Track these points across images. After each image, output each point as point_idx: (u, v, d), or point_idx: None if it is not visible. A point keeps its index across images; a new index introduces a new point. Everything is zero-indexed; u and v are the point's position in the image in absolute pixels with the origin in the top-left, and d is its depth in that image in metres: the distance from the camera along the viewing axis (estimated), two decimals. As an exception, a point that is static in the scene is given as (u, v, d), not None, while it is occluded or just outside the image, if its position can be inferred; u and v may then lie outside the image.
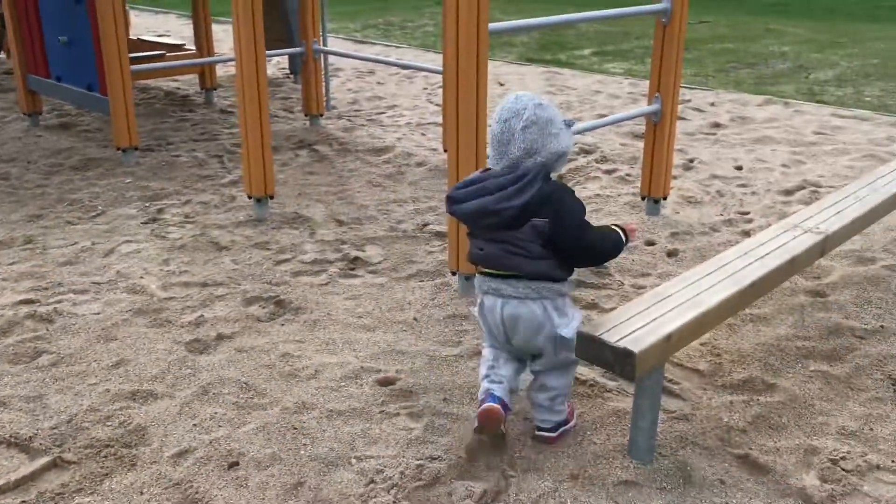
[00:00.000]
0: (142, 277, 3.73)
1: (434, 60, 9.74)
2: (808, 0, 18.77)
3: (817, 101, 7.38)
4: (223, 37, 10.99)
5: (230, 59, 6.04)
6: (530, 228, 2.30)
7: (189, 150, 5.81)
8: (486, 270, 2.43)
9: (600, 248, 2.42)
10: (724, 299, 2.47)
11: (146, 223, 4.43)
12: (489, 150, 2.43)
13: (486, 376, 2.49)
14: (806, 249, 2.87)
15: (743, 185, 4.97)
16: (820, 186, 4.91)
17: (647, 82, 4.48)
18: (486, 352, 2.56)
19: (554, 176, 2.44)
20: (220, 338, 3.18)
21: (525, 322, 2.38)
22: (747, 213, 4.52)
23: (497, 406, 2.38)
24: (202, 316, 3.35)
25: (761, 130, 6.20)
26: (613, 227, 2.50)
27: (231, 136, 6.17)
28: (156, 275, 3.76)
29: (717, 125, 6.42)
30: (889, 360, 3.01)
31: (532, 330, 2.39)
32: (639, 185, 4.70)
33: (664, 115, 4.24)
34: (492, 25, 3.26)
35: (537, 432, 2.54)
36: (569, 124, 2.40)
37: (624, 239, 2.48)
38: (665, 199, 4.51)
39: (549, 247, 2.31)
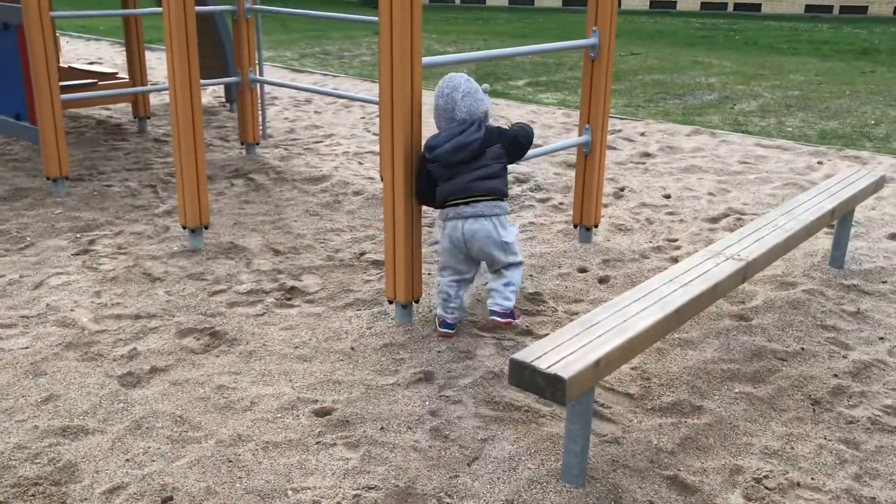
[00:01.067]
0: (72, 310, 3.66)
1: (371, 90, 9.82)
2: (732, 34, 19.53)
3: (742, 132, 7.67)
4: (157, 64, 10.89)
5: (164, 88, 5.99)
6: (490, 155, 3.34)
7: (122, 179, 5.72)
8: (453, 201, 3.35)
9: (524, 138, 3.50)
10: (651, 325, 2.56)
11: (77, 254, 4.35)
12: (437, 122, 3.38)
13: (443, 304, 3.48)
14: (728, 276, 2.99)
15: (671, 213, 5.13)
16: (744, 214, 5.11)
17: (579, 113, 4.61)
18: (445, 284, 3.48)
19: None
20: (154, 371, 3.14)
21: (481, 234, 3.34)
22: (675, 241, 4.67)
23: (453, 332, 3.47)
24: (135, 349, 3.30)
25: (689, 160, 6.42)
26: (521, 123, 3.57)
27: (165, 166, 6.10)
28: (87, 307, 3.70)
29: (646, 154, 6.62)
30: (809, 381, 3.14)
31: (486, 240, 3.35)
32: (571, 213, 4.81)
33: (594, 145, 4.37)
34: (426, 60, 3.33)
35: (491, 316, 3.47)
36: (485, 91, 3.42)
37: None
38: (596, 226, 4.63)
39: (503, 165, 3.38)
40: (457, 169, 3.33)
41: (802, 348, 3.41)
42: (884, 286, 4.07)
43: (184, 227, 4.44)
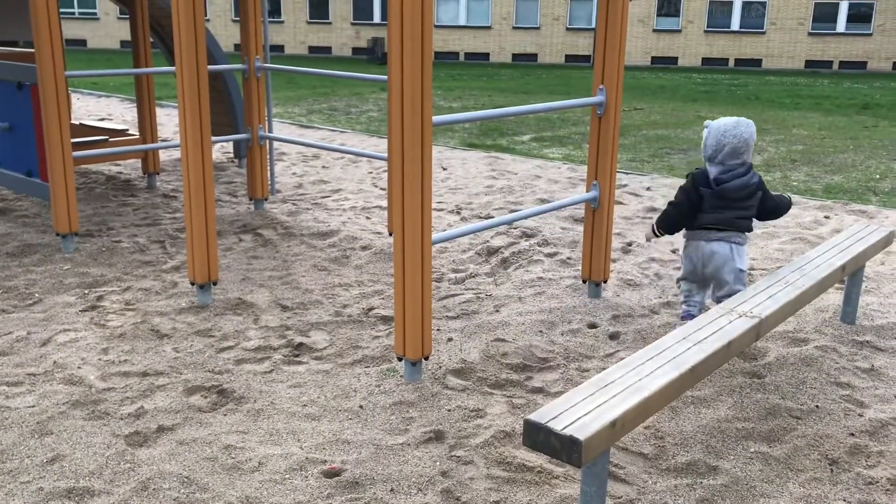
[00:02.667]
0: (79, 368, 3.63)
1: (378, 145, 9.93)
2: (734, 89, 19.77)
3: (747, 186, 7.69)
4: (166, 121, 11.04)
5: (174, 145, 6.06)
6: (754, 200, 3.93)
7: (130, 235, 5.75)
8: (712, 226, 3.91)
9: (785, 209, 4.13)
10: (666, 384, 2.53)
11: (85, 311, 4.34)
12: (714, 155, 3.92)
13: (685, 301, 4.15)
14: (742, 333, 2.97)
15: (680, 268, 5.11)
16: (753, 269, 5.09)
17: (585, 167, 4.64)
18: (685, 285, 4.15)
19: None
20: (161, 430, 3.11)
21: (719, 257, 3.90)
22: (685, 296, 4.65)
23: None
24: (142, 407, 3.27)
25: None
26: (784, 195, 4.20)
27: (174, 221, 6.13)
28: (94, 364, 3.67)
29: (653, 209, 6.64)
30: (825, 440, 3.09)
31: (722, 262, 3.90)
32: (580, 267, 4.81)
33: (602, 201, 4.38)
34: (435, 118, 3.37)
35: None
36: None
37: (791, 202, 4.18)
38: (605, 282, 4.62)
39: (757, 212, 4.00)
40: (728, 203, 3.89)
41: (817, 406, 3.36)
42: (897, 342, 4.03)
43: (192, 284, 4.44)
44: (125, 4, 7.00)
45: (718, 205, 3.87)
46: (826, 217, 6.41)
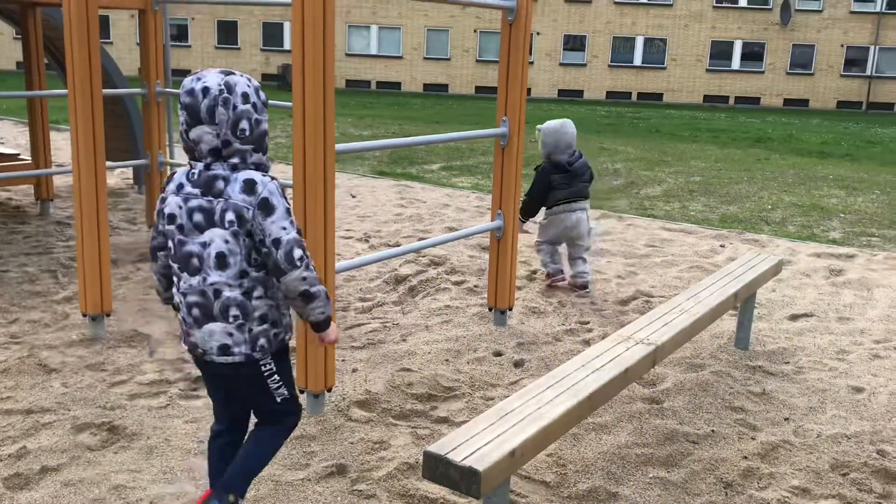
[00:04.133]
0: (-44, 406, 3.41)
1: (285, 172, 9.79)
2: (636, 122, 20.46)
3: (648, 216, 7.95)
4: (63, 145, 10.63)
5: (67, 171, 5.82)
6: (589, 173, 5.41)
7: (20, 264, 5.47)
8: (571, 199, 5.30)
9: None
10: (565, 412, 2.55)
11: (-35, 345, 4.09)
12: (551, 149, 5.36)
13: (552, 262, 5.42)
14: (639, 360, 3.03)
15: (582, 296, 5.21)
16: (652, 296, 5.23)
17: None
18: (547, 249, 5.43)
19: None
20: (45, 471, 2.94)
21: (583, 222, 5.30)
22: (587, 323, 4.73)
23: (563, 276, 5.41)
24: (24, 447, 3.08)
25: (598, 243, 6.57)
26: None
27: (67, 250, 5.88)
28: (-27, 402, 3.45)
29: (558, 238, 6.76)
30: (720, 464, 3.17)
31: (585, 224, 5.31)
32: (486, 295, 4.84)
33: (506, 230, 4.43)
34: (340, 146, 3.34)
35: (576, 279, 5.36)
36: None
37: None
38: (511, 309, 4.65)
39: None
40: (575, 179, 5.31)
41: (713, 430, 3.45)
42: (787, 367, 4.19)
43: (84, 315, 4.25)
44: (18, 24, 6.72)
45: (569, 183, 5.29)
46: (721, 246, 6.67)
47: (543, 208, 5.41)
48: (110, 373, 3.83)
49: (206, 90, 2.22)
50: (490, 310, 4.65)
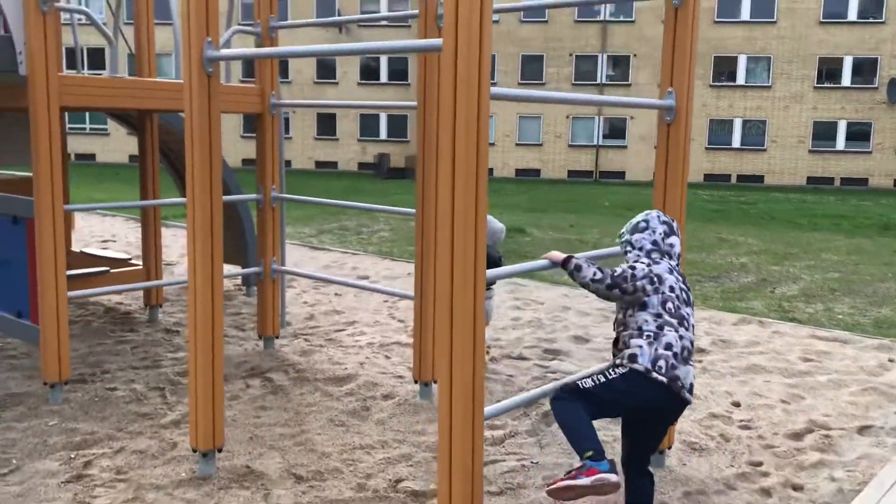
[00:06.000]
0: (55, 568, 3.01)
1: (391, 268, 9.48)
2: (745, 207, 19.56)
3: (791, 319, 7.19)
4: (171, 241, 10.63)
5: (180, 282, 5.58)
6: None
7: (127, 380, 5.18)
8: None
9: None
10: None
11: (68, 482, 3.74)
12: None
13: None
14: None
15: (746, 427, 4.53)
16: (829, 428, 4.50)
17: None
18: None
19: None
20: None
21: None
22: (760, 465, 4.05)
23: None
24: None
25: (747, 357, 5.88)
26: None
27: (175, 363, 5.58)
28: (73, 563, 3.05)
29: (700, 350, 6.09)
30: None
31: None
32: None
33: (667, 357, 3.84)
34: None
35: None
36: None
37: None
38: (669, 448, 4.02)
39: None
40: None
41: None
42: None
43: (194, 451, 3.85)
44: (134, 128, 6.68)
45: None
46: (890, 360, 5.86)
47: None
48: (223, 524, 3.38)
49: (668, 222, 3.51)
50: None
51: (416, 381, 5.02)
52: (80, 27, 6.34)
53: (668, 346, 3.10)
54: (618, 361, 3.16)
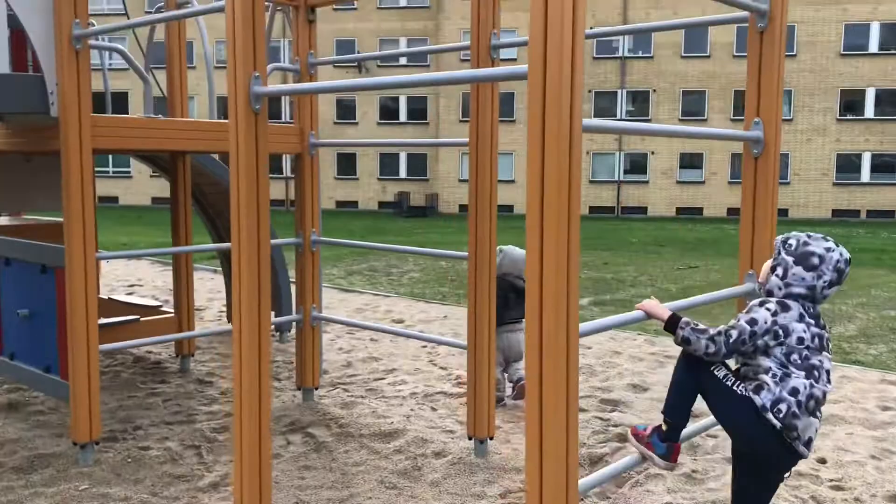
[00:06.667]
0: None
1: (426, 311, 9.17)
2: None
3: (855, 362, 6.77)
4: (199, 286, 10.34)
5: (215, 332, 5.27)
6: None
7: (160, 438, 4.85)
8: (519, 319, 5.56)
9: None
10: None
11: (102, 559, 3.40)
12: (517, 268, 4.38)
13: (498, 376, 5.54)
14: None
15: (838, 488, 4.12)
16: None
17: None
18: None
19: None
20: None
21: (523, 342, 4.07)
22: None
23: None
24: None
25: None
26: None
27: (210, 417, 5.25)
28: None
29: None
30: None
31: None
32: (714, 485, 3.83)
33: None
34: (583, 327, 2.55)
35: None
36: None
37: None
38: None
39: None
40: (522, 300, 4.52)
41: None
42: None
43: (240, 522, 3.50)
44: (164, 170, 6.44)
45: (520, 303, 5.07)
46: (977, 408, 5.44)
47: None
48: None
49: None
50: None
51: (470, 438, 4.66)
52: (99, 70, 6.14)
53: (794, 392, 2.81)
54: (746, 382, 2.90)
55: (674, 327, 2.94)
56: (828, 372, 2.91)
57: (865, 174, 35.72)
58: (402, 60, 36.72)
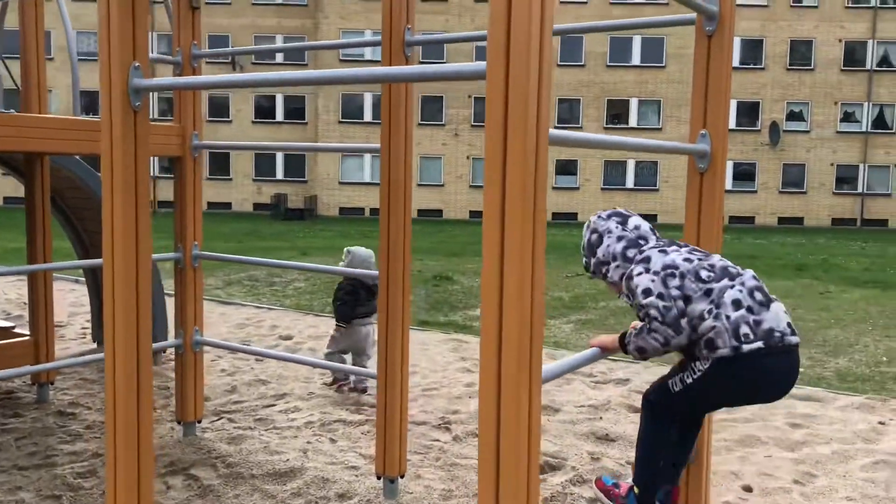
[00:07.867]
0: None
1: (315, 325, 8.60)
2: (777, 259, 19.60)
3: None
4: (58, 297, 9.34)
5: (82, 362, 4.59)
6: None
7: (12, 488, 4.12)
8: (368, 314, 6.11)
9: None
10: None
11: None
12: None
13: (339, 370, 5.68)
14: None
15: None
16: (860, 516, 3.96)
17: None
18: (337, 357, 6.27)
19: None
20: None
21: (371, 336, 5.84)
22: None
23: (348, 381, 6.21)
24: None
25: (733, 425, 5.32)
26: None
27: (74, 458, 4.54)
28: None
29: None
30: None
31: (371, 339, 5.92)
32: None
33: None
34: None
35: (357, 384, 6.17)
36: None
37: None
38: (704, 557, 3.36)
39: None
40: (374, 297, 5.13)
41: None
42: None
43: None
44: (18, 173, 5.63)
45: (371, 299, 5.87)
46: (881, 423, 5.44)
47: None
48: None
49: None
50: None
51: (378, 477, 4.20)
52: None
53: (736, 303, 2.58)
54: (697, 355, 2.66)
55: (624, 349, 2.74)
56: (739, 268, 2.78)
57: (729, 181, 37.60)
58: (279, 58, 35.62)
